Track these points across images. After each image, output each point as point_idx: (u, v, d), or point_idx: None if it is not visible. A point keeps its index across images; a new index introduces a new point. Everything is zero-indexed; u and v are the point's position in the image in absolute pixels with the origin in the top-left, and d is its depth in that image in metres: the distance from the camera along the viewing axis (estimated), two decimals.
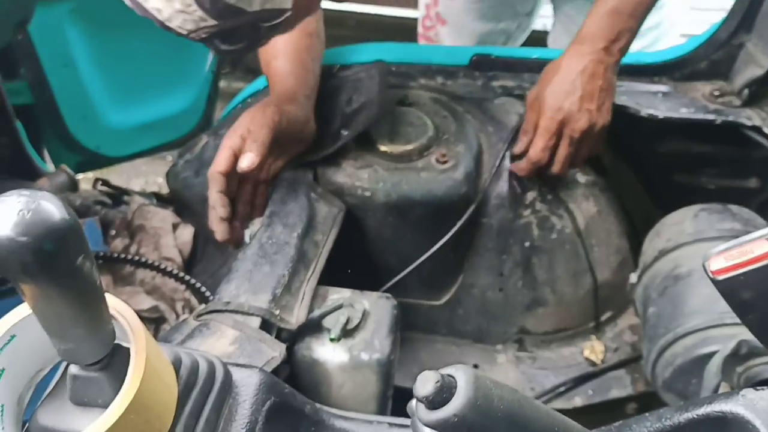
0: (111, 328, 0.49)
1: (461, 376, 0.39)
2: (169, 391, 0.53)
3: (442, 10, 1.65)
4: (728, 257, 0.58)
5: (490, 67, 1.20)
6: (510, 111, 1.14)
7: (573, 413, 1.11)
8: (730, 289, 0.58)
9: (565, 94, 1.04)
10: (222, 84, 2.08)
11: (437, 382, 0.39)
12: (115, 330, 0.49)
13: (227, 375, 0.61)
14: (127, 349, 0.50)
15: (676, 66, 1.16)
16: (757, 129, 1.06)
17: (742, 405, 0.53)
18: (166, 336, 0.83)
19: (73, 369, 0.49)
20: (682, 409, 0.57)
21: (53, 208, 0.40)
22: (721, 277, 0.58)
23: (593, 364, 1.15)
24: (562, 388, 1.11)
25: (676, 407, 0.58)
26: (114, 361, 0.49)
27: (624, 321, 1.20)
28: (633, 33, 1.06)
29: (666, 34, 1.55)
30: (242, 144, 0.98)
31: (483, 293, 1.12)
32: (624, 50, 1.07)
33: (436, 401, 0.39)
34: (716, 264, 0.58)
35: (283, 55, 1.08)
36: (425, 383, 0.39)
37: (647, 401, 1.12)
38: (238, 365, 0.64)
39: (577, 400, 1.10)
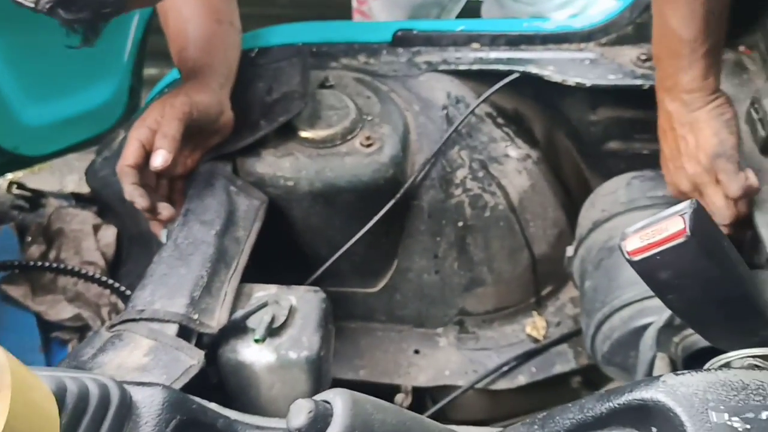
0: None
1: (337, 402, 0.36)
2: (48, 424, 0.49)
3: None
4: (643, 236, 0.55)
5: (414, 43, 1.16)
6: (435, 87, 1.10)
7: (517, 392, 1.10)
8: (648, 269, 0.56)
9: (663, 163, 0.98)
10: (153, 71, 2.01)
11: (310, 411, 0.35)
12: None
13: (124, 397, 0.57)
14: None
15: (602, 31, 1.13)
16: None
17: (662, 392, 0.51)
18: (76, 351, 0.78)
19: None
20: (604, 399, 0.55)
21: None
22: (637, 258, 0.56)
23: (536, 340, 1.13)
24: (505, 368, 1.09)
25: (597, 396, 0.56)
26: None
27: (565, 294, 1.19)
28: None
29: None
30: (151, 136, 0.93)
31: (419, 277, 1.09)
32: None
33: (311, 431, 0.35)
34: (631, 244, 0.56)
35: (192, 45, 1.03)
36: (298, 413, 0.35)
37: (591, 374, 1.11)
38: (139, 384, 0.60)
39: (521, 378, 1.09)
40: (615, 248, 1.00)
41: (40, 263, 1.07)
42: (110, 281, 1.06)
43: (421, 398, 1.10)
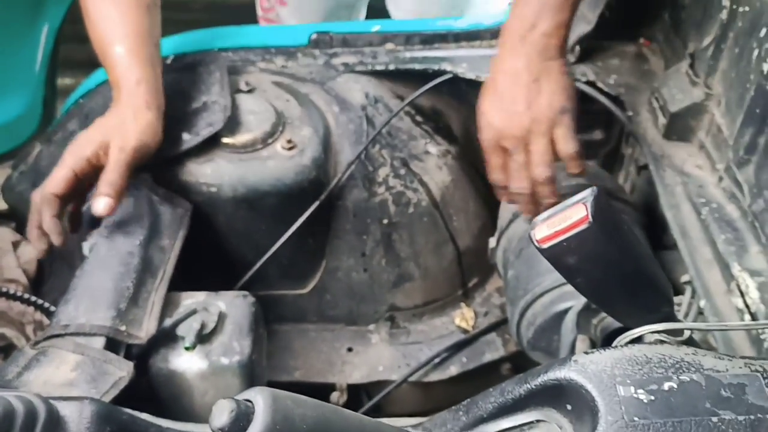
0: None
1: (258, 400, 0.37)
2: None
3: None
4: (550, 225, 0.58)
5: (330, 45, 1.17)
6: (353, 88, 1.12)
7: (450, 382, 1.13)
8: (556, 255, 0.59)
9: (490, 106, 0.94)
10: (69, 81, 1.96)
11: (232, 411, 0.36)
12: None
13: (51, 413, 0.56)
14: None
15: None
16: (592, 84, 1.09)
17: (574, 370, 0.54)
18: (0, 371, 0.77)
19: None
20: (522, 381, 0.58)
21: None
22: (545, 245, 0.58)
23: (465, 331, 1.16)
24: (436, 360, 1.12)
25: (516, 379, 0.58)
26: None
27: (491, 285, 1.23)
28: (557, 11, 0.91)
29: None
30: (89, 169, 0.89)
31: (348, 276, 1.11)
32: (551, 33, 0.91)
33: (233, 430, 0.36)
34: (540, 232, 0.59)
35: (124, 41, 0.96)
36: (220, 414, 0.37)
37: (520, 360, 1.14)
38: (65, 398, 0.59)
39: (453, 369, 1.12)
40: None
41: None
42: (33, 298, 1.03)
43: (357, 395, 1.12)
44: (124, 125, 0.91)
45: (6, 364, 0.79)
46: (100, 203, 0.87)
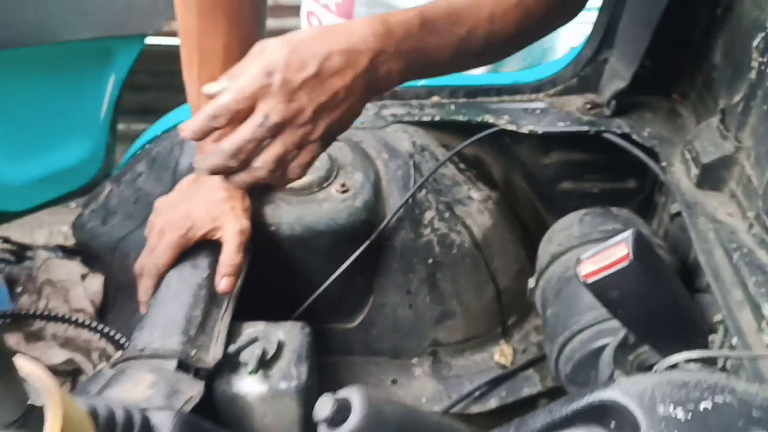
0: (23, 389, 0.50)
1: (355, 396, 0.43)
2: None
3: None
4: (594, 262, 0.65)
5: (380, 97, 1.26)
6: (401, 137, 1.20)
7: (489, 415, 1.17)
8: (600, 290, 0.65)
9: (291, 54, 0.75)
10: (121, 127, 2.07)
11: (333, 404, 0.43)
12: (27, 391, 0.51)
13: (145, 421, 0.63)
14: (42, 408, 0.52)
15: (550, 83, 1.25)
16: (627, 136, 1.16)
17: (618, 391, 0.60)
18: (82, 388, 0.84)
19: None
20: (569, 401, 0.63)
21: None
22: (590, 280, 0.65)
23: (504, 367, 1.21)
24: (477, 393, 1.17)
25: (563, 400, 0.64)
26: (30, 420, 0.51)
27: (529, 324, 1.28)
28: (425, 55, 0.82)
29: (553, 49, 1.64)
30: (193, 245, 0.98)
31: (394, 311, 1.17)
32: (395, 73, 0.80)
33: (334, 421, 0.43)
34: (585, 269, 0.65)
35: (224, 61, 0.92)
36: (323, 407, 0.43)
37: (557, 395, 1.19)
38: (156, 409, 0.66)
39: (492, 402, 1.17)
40: (572, 278, 1.09)
41: (32, 312, 1.11)
42: (101, 326, 1.11)
43: None
44: (235, 210, 0.99)
45: (87, 383, 0.86)
46: (224, 282, 0.95)
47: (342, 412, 0.42)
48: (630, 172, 1.28)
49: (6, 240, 1.29)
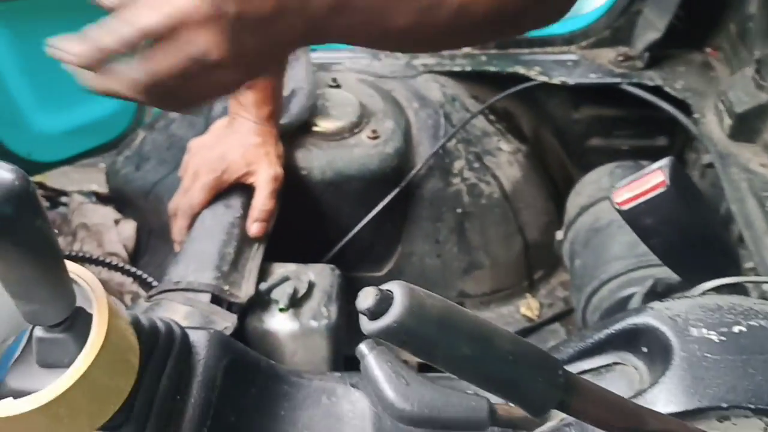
0: (71, 290, 0.52)
1: (396, 288, 0.44)
2: (131, 350, 0.56)
3: None
4: (630, 189, 0.65)
5: None
6: (432, 87, 1.20)
7: None
8: (634, 217, 0.65)
9: None
10: None
11: (376, 295, 0.44)
12: (75, 293, 0.53)
13: (185, 336, 0.64)
14: (88, 313, 0.53)
15: (582, 35, 1.24)
16: (659, 89, 1.15)
17: (650, 316, 0.60)
18: None
19: (38, 332, 0.52)
20: (601, 327, 0.63)
21: (7, 174, 0.42)
22: (625, 208, 0.65)
23: (530, 320, 1.22)
24: None
25: (595, 326, 0.64)
26: (77, 322, 0.53)
27: (555, 278, 1.28)
28: (377, 14, 0.63)
29: None
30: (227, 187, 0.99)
31: (422, 261, 1.18)
32: (333, 28, 0.62)
33: (376, 312, 0.44)
34: (620, 196, 0.65)
35: None
36: (366, 297, 0.44)
37: None
38: (194, 327, 0.68)
39: None
40: (601, 229, 1.09)
41: (67, 253, 1.14)
42: (133, 269, 1.13)
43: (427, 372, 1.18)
44: (269, 156, 1.00)
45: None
46: (256, 227, 0.97)
47: (384, 302, 0.43)
48: (661, 129, 1.27)
49: (41, 185, 1.31)
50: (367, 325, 0.45)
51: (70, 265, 0.53)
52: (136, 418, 0.55)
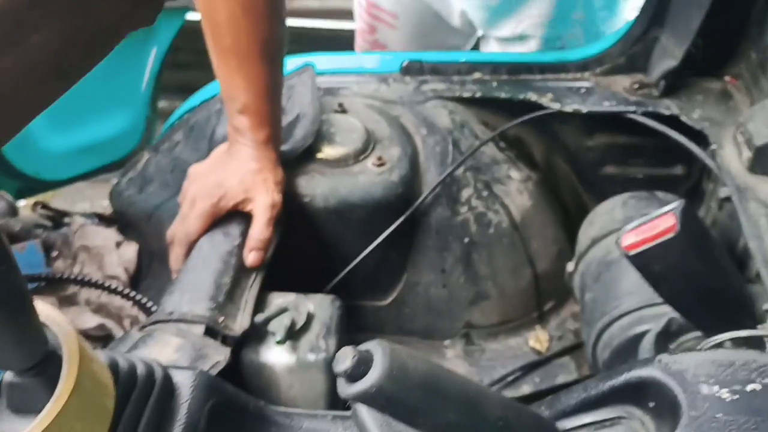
0: (42, 335, 0.49)
1: (377, 349, 0.41)
2: (106, 395, 0.54)
3: (380, 38, 1.62)
4: (638, 233, 0.62)
5: (421, 72, 1.23)
6: (441, 113, 1.17)
7: (522, 400, 1.14)
8: (642, 262, 0.62)
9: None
10: (164, 104, 2.09)
11: (354, 356, 0.41)
12: (47, 337, 0.50)
13: (166, 378, 0.62)
14: (61, 355, 0.51)
15: (596, 62, 1.21)
16: (675, 118, 1.11)
17: (657, 369, 0.57)
18: (109, 348, 0.84)
19: (8, 376, 0.50)
20: (605, 378, 0.60)
21: None
22: (632, 252, 0.62)
23: (539, 352, 1.18)
24: (510, 378, 1.14)
25: (599, 377, 0.61)
26: (48, 366, 0.50)
27: (566, 310, 1.24)
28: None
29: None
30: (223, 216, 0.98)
31: (427, 291, 1.15)
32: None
33: (354, 375, 0.41)
34: (627, 240, 0.62)
35: (252, 94, 0.96)
36: (344, 359, 0.41)
37: None
38: (177, 368, 0.65)
39: (525, 387, 1.14)
40: (613, 262, 1.06)
41: (66, 276, 1.12)
42: (133, 293, 1.11)
43: None
44: (267, 183, 0.98)
45: (115, 343, 0.86)
46: (253, 257, 0.94)
47: (363, 364, 0.40)
48: (677, 158, 1.23)
49: (44, 206, 1.30)
50: (344, 388, 0.42)
51: (41, 307, 0.50)
52: None
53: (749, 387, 0.54)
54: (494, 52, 1.47)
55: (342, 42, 1.87)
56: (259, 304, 0.93)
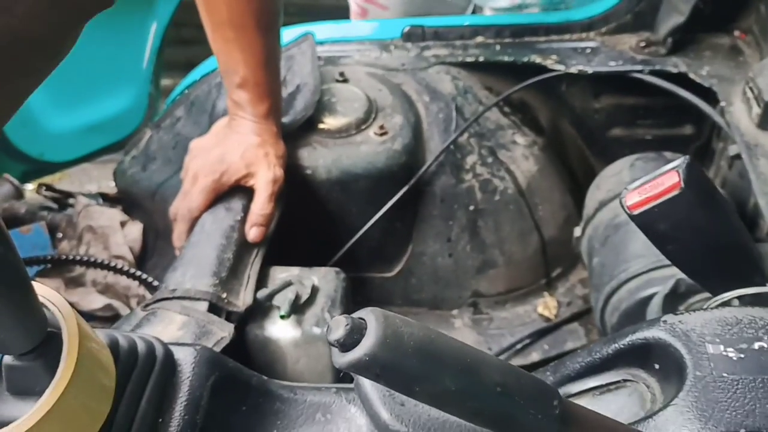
0: (42, 316, 0.49)
1: (370, 317, 0.40)
2: (106, 374, 0.53)
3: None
4: (642, 192, 0.60)
5: (422, 38, 1.21)
6: (444, 79, 1.16)
7: (531, 369, 1.13)
8: (647, 222, 0.60)
9: None
10: (168, 82, 2.07)
11: (347, 325, 0.40)
12: (47, 318, 0.50)
13: (168, 354, 0.61)
14: (61, 336, 0.50)
15: (602, 21, 1.18)
16: (683, 76, 1.09)
17: (662, 330, 0.56)
18: (114, 328, 0.83)
19: (8, 359, 0.50)
20: (610, 341, 0.59)
21: None
22: (636, 212, 0.60)
23: (547, 319, 1.17)
24: (518, 346, 1.13)
25: (604, 340, 0.60)
26: (48, 348, 0.50)
27: (574, 276, 1.23)
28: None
29: None
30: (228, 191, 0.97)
31: (433, 260, 1.14)
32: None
33: (347, 344, 0.40)
34: (631, 199, 0.60)
35: (251, 68, 0.95)
36: (337, 327, 0.40)
37: None
38: (179, 344, 0.65)
39: (534, 355, 1.13)
40: (621, 225, 1.04)
41: (72, 257, 1.12)
42: (138, 273, 1.11)
43: None
44: (269, 157, 0.97)
45: (120, 323, 0.86)
46: (254, 232, 0.94)
47: (356, 333, 0.39)
48: (686, 117, 1.21)
49: (49, 188, 1.30)
50: (337, 358, 0.41)
51: (39, 289, 0.50)
52: None
53: (756, 345, 0.53)
54: (497, 15, 1.44)
55: (345, 14, 1.84)
56: (263, 279, 0.92)
